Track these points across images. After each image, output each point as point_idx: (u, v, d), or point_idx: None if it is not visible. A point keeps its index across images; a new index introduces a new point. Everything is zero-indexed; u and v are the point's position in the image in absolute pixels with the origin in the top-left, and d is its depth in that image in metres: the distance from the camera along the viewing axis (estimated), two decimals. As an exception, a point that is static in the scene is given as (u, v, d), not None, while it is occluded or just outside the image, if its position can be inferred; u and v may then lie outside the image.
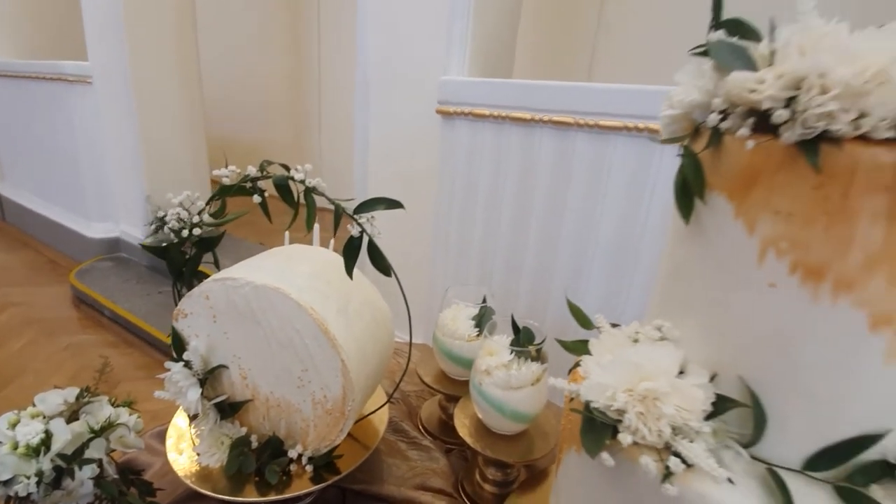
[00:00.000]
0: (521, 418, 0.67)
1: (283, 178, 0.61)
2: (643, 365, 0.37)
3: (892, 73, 0.27)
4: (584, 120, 1.36)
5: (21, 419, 0.58)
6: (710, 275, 0.36)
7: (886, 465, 0.34)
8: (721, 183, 0.34)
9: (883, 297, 0.29)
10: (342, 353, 0.56)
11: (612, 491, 0.39)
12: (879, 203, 0.28)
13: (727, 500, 0.32)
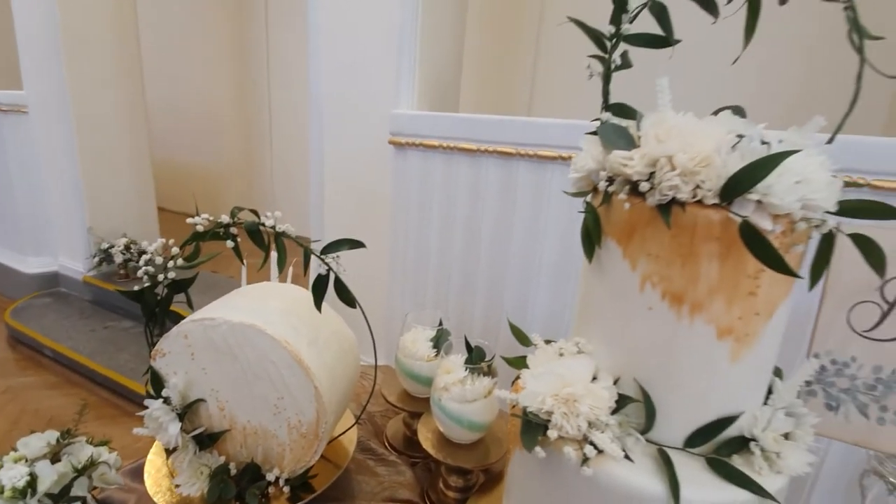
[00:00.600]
0: (476, 428, 0.76)
1: (254, 225, 0.68)
2: (565, 375, 0.47)
3: (713, 158, 0.38)
4: (524, 150, 1.50)
5: (4, 464, 0.61)
6: (608, 301, 0.47)
7: (743, 439, 0.45)
8: (612, 231, 0.45)
9: (723, 315, 0.41)
10: (315, 381, 0.63)
11: (548, 479, 0.48)
12: (713, 248, 0.40)
13: (628, 475, 0.42)
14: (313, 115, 2.12)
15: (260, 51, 4.30)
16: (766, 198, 0.37)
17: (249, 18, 4.26)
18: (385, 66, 1.86)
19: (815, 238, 0.42)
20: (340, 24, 1.98)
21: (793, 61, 1.73)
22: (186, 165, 4.89)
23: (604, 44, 0.48)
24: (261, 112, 4.42)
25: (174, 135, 4.79)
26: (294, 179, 4.26)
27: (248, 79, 4.39)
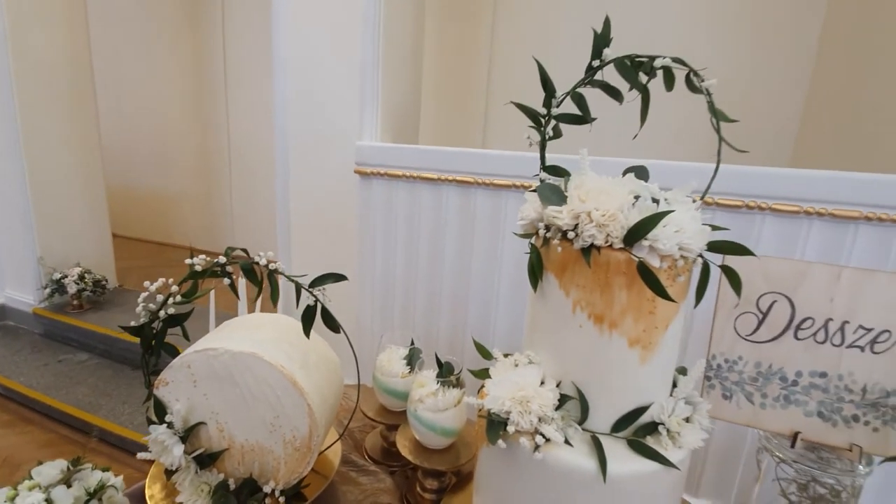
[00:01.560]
0: (449, 433, 0.87)
1: (248, 263, 0.77)
2: (519, 381, 0.60)
3: (618, 215, 0.52)
4: (482, 179, 1.65)
5: (20, 492, 0.66)
6: (550, 321, 0.60)
7: (654, 424, 0.58)
8: (550, 266, 0.58)
9: (632, 329, 0.54)
10: (308, 399, 0.73)
11: (508, 466, 0.60)
12: (622, 280, 0.53)
13: (569, 456, 0.55)
14: (279, 146, 2.19)
15: (217, 75, 4.30)
16: (655, 243, 0.51)
17: (206, 44, 4.27)
18: (349, 100, 1.98)
19: (699, 267, 0.57)
20: (306, 58, 2.09)
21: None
22: (141, 191, 4.78)
23: (539, 120, 0.62)
24: (219, 137, 4.41)
25: (128, 160, 4.69)
26: (254, 205, 4.25)
27: (206, 103, 4.38)
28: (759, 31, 2.30)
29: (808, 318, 0.67)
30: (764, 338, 0.69)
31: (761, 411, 0.70)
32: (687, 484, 1.41)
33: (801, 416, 0.68)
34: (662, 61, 0.56)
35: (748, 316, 0.70)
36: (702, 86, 0.56)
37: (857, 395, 0.66)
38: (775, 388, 0.69)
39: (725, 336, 0.71)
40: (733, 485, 1.09)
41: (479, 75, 2.74)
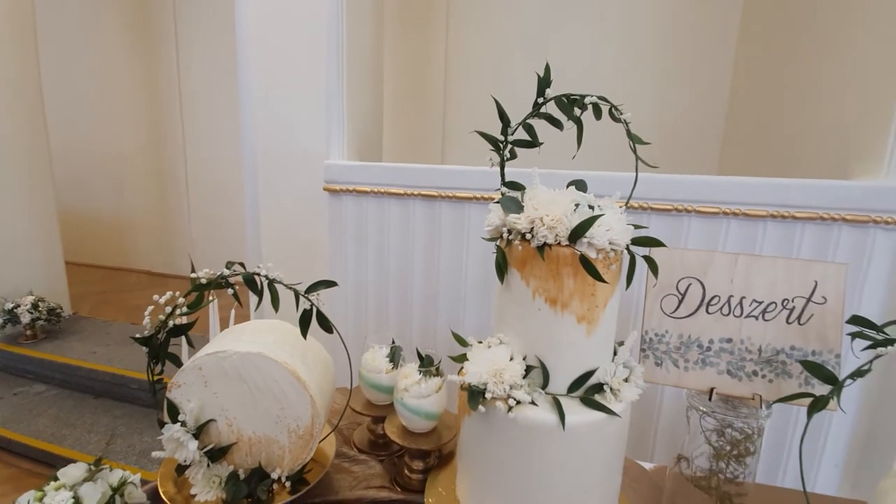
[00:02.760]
0: (432, 417, 0.99)
1: (250, 274, 0.87)
2: (492, 358, 0.73)
3: (563, 219, 0.67)
4: (446, 193, 1.79)
5: (46, 493, 0.73)
6: (514, 307, 0.74)
7: (600, 385, 0.73)
8: (513, 262, 0.73)
9: (579, 308, 0.69)
10: (310, 390, 0.83)
11: (486, 428, 0.73)
12: (569, 270, 0.68)
13: (535, 414, 0.69)
14: (247, 166, 2.27)
15: (172, 98, 4.27)
16: (591, 240, 0.66)
17: (159, 66, 4.23)
18: (316, 121, 2.09)
19: (628, 258, 0.73)
20: (272, 82, 2.18)
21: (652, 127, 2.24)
22: (94, 215, 4.62)
23: (498, 146, 0.77)
24: (175, 159, 4.35)
25: (80, 185, 4.53)
26: (215, 226, 4.22)
27: (161, 125, 4.32)
28: (684, 64, 2.61)
29: (716, 296, 0.85)
30: (683, 314, 0.86)
31: (684, 373, 0.87)
32: (641, 451, 1.58)
33: (715, 375, 0.85)
34: (590, 99, 0.73)
35: (671, 297, 0.87)
36: (621, 117, 0.73)
37: (755, 355, 0.84)
38: (694, 354, 0.86)
39: (654, 315, 0.88)
40: (676, 445, 1.27)
41: (435, 94, 2.91)
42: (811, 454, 1.46)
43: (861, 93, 1.59)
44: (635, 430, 1.64)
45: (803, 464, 1.48)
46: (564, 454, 0.69)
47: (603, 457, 0.72)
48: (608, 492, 0.76)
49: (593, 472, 0.71)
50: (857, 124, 1.60)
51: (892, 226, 1.45)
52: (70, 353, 2.91)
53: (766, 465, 1.48)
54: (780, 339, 0.83)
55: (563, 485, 0.71)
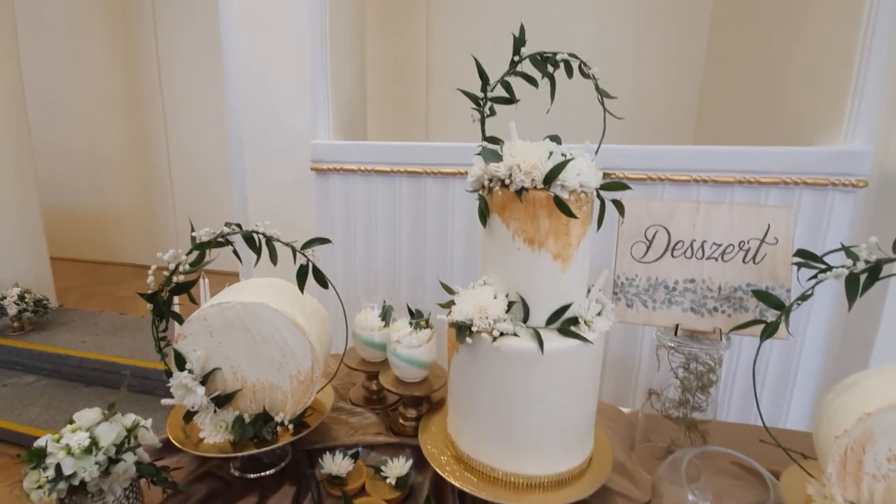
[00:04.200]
0: (423, 365, 1.06)
1: (248, 232, 0.93)
2: (478, 297, 0.80)
3: (538, 164, 0.74)
4: (430, 169, 1.85)
5: (63, 434, 0.78)
6: (496, 249, 0.81)
7: (575, 318, 0.81)
8: (495, 208, 0.80)
9: (554, 247, 0.76)
10: (309, 337, 0.89)
11: (473, 359, 0.80)
12: (544, 211, 0.75)
13: (517, 343, 0.76)
14: (234, 151, 2.29)
15: (152, 89, 4.23)
16: (564, 182, 0.73)
17: (138, 58, 4.18)
18: (302, 103, 2.12)
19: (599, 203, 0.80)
20: (258, 68, 2.20)
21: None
22: (76, 210, 4.57)
23: (479, 102, 0.83)
24: (157, 150, 4.32)
25: (61, 180, 4.47)
26: (201, 214, 4.21)
27: (141, 116, 4.28)
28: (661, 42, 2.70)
29: (680, 241, 0.93)
30: (651, 259, 0.94)
31: (653, 313, 0.95)
32: (623, 398, 1.67)
33: (680, 313, 0.94)
34: (562, 56, 0.79)
35: (639, 244, 0.95)
36: (590, 72, 0.80)
37: (715, 293, 0.93)
38: (661, 295, 0.94)
39: (625, 261, 0.96)
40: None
41: (417, 73, 2.96)
42: (781, 393, 1.57)
43: (822, 66, 1.69)
44: (616, 383, 1.74)
45: (774, 401, 1.58)
46: (545, 378, 0.77)
47: (579, 380, 0.79)
48: (585, 414, 0.84)
49: (571, 394, 0.79)
50: (818, 95, 1.70)
51: (849, 188, 1.55)
52: (59, 343, 2.91)
53: (739, 406, 1.59)
54: (737, 278, 0.91)
55: (545, 407, 0.78)
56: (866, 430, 0.67)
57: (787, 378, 1.56)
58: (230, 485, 0.94)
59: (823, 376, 1.56)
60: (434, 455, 0.90)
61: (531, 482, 0.82)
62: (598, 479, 0.85)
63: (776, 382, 1.58)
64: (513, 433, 0.80)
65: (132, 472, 0.80)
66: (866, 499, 0.70)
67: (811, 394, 1.56)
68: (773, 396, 1.59)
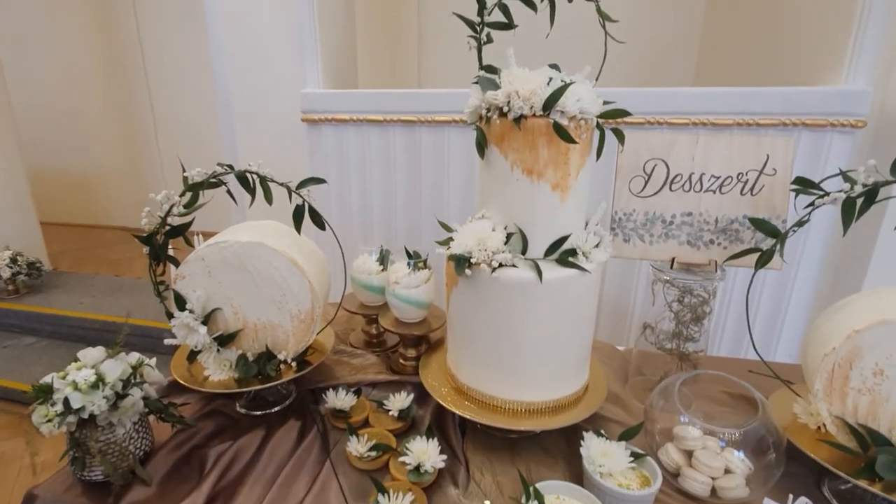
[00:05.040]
0: (422, 305, 1.07)
1: (242, 172, 0.91)
2: (476, 230, 0.80)
3: (538, 90, 0.72)
4: (424, 118, 1.81)
5: (68, 372, 0.79)
6: (494, 182, 0.80)
7: (574, 250, 0.81)
8: (493, 139, 0.78)
9: (553, 176, 0.76)
10: (309, 276, 0.89)
11: (472, 291, 0.81)
12: (544, 139, 0.74)
13: (516, 273, 0.76)
14: (221, 106, 2.22)
15: (131, 44, 4.05)
16: (563, 108, 0.72)
17: (115, 11, 3.98)
18: (289, 51, 2.04)
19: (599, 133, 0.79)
20: (242, 15, 2.10)
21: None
22: (62, 174, 4.47)
23: (475, 28, 0.80)
24: (140, 107, 4.19)
25: (44, 144, 4.35)
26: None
27: (121, 75, 4.12)
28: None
29: (678, 174, 0.93)
30: (649, 193, 0.94)
31: (650, 247, 0.96)
32: (618, 337, 1.71)
33: (676, 246, 0.95)
34: (561, -23, 0.76)
35: (638, 178, 0.94)
36: (590, -5, 0.77)
37: (712, 226, 0.93)
38: (658, 229, 0.95)
39: (623, 196, 0.95)
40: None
41: (409, 20, 2.84)
42: (771, 329, 1.62)
43: (824, 7, 1.64)
44: (611, 324, 1.77)
45: (764, 337, 1.62)
46: (543, 307, 0.78)
47: (576, 309, 0.81)
48: (581, 342, 0.85)
49: (568, 323, 0.81)
50: (820, 36, 1.66)
51: (847, 128, 1.54)
52: (56, 305, 2.91)
53: (730, 341, 1.64)
54: (734, 210, 0.92)
55: (543, 335, 0.80)
56: (854, 347, 0.70)
57: (777, 313, 1.60)
58: (237, 421, 0.96)
59: (813, 310, 1.60)
60: (435, 387, 0.93)
61: (529, 408, 0.85)
62: (593, 405, 0.88)
63: (766, 318, 1.63)
64: (511, 362, 0.82)
65: (140, 406, 0.81)
66: (851, 412, 0.73)
67: (800, 328, 1.61)
68: (762, 332, 1.63)
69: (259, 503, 0.77)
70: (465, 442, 0.90)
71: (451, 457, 0.84)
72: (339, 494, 0.78)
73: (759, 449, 0.77)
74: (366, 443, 0.85)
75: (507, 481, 0.80)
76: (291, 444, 0.89)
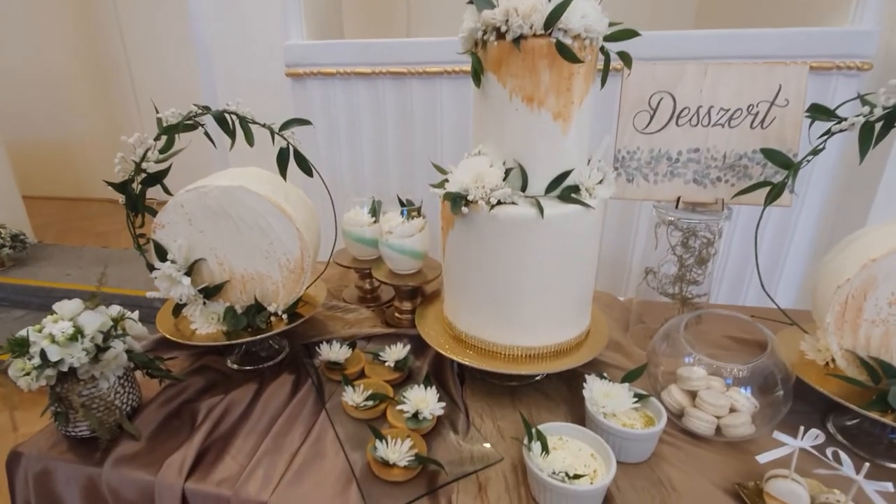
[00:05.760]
0: (416, 255, 1.03)
1: (220, 112, 0.85)
2: (472, 166, 0.75)
3: (538, 6, 0.66)
4: (415, 69, 1.73)
5: (45, 325, 0.75)
6: (492, 113, 0.74)
7: (576, 186, 0.77)
8: (489, 66, 0.72)
9: (555, 105, 0.70)
10: (296, 223, 0.84)
11: (469, 229, 0.77)
12: (545, 62, 0.68)
13: (515, 210, 0.72)
14: (202, 61, 2.11)
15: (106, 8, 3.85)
16: (567, 26, 0.66)
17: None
18: (270, 3, 1.91)
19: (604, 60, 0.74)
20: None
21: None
22: (41, 147, 4.31)
23: (468, -54, 0.73)
24: (119, 74, 4.02)
25: (20, 117, 4.17)
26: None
27: (97, 38, 3.92)
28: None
29: (686, 107, 0.88)
30: (654, 129, 0.89)
31: (654, 186, 0.91)
32: (617, 289, 1.69)
33: (682, 185, 0.90)
34: None
35: (643, 114, 0.89)
36: None
37: (719, 162, 0.89)
38: (664, 167, 0.90)
39: (626, 132, 0.90)
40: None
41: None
42: (772, 273, 1.60)
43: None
44: (609, 276, 1.75)
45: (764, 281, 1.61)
46: (544, 245, 0.74)
47: (578, 248, 0.77)
48: (583, 284, 0.82)
49: (570, 262, 0.77)
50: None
51: (853, 71, 1.49)
52: (42, 277, 2.85)
53: (729, 288, 1.62)
54: (743, 145, 0.87)
55: (544, 276, 0.76)
56: (870, 276, 0.67)
57: (777, 260, 1.59)
58: (228, 377, 0.93)
59: (812, 257, 1.59)
60: (432, 336, 0.90)
61: (530, 353, 0.82)
62: (594, 350, 0.86)
63: (765, 265, 1.61)
64: (511, 306, 0.79)
65: (123, 359, 0.77)
66: (862, 345, 0.71)
67: (798, 274, 1.60)
68: (763, 276, 1.63)
69: (253, 454, 0.74)
70: (464, 391, 0.88)
71: (450, 404, 0.82)
72: (335, 443, 0.76)
73: (767, 386, 0.75)
74: (362, 392, 0.82)
75: (508, 426, 0.78)
76: (285, 397, 0.87)
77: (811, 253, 1.59)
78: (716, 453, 0.74)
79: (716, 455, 0.73)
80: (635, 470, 0.70)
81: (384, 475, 0.68)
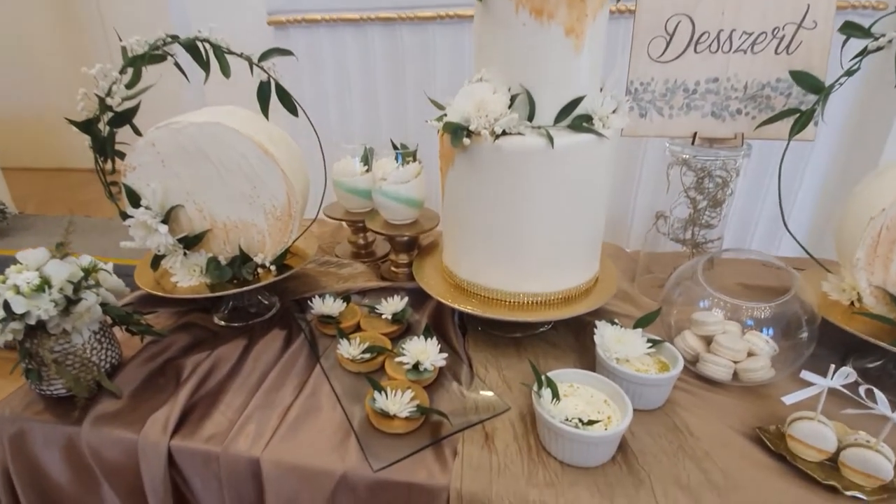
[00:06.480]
0: (413, 203, 0.96)
1: (191, 40, 0.76)
2: (474, 93, 0.68)
3: None
4: (406, 14, 1.61)
5: (8, 276, 0.68)
6: (495, 31, 0.67)
7: (588, 116, 0.70)
8: (491, -22, 0.64)
9: (566, 18, 0.63)
10: (282, 165, 0.77)
11: (471, 162, 0.70)
12: (555, -31, 0.60)
13: (521, 140, 0.65)
14: (175, 11, 1.98)
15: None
16: (580, -77, 0.58)
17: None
18: (246, -58, 1.78)
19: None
20: None
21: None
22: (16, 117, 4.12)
23: None
24: (93, 33, 3.80)
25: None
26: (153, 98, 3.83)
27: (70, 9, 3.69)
28: None
29: (705, 32, 0.80)
30: (670, 57, 0.82)
31: (669, 121, 0.85)
32: (619, 240, 1.63)
33: (699, 119, 0.84)
34: None
35: (658, 40, 0.82)
36: None
37: (740, 93, 0.82)
38: (679, 99, 0.83)
39: (640, 62, 0.83)
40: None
41: None
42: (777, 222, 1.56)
43: None
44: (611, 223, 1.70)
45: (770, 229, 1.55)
46: (553, 179, 0.68)
47: (590, 183, 0.71)
48: (594, 223, 0.77)
49: (581, 199, 0.71)
50: None
51: (868, 10, 1.41)
52: (25, 247, 2.74)
53: (734, 238, 1.58)
54: (766, 73, 0.80)
55: (553, 214, 0.70)
56: (909, 205, 0.62)
57: (786, 203, 1.55)
58: (215, 333, 0.88)
59: (822, 202, 1.55)
60: (431, 286, 0.84)
61: (536, 300, 0.77)
62: (603, 297, 0.81)
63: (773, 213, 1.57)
64: (517, 248, 0.73)
65: (98, 312, 0.71)
66: (894, 280, 0.66)
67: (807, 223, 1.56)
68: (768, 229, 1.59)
69: (243, 409, 0.69)
70: (466, 343, 0.83)
71: (452, 356, 0.77)
72: (330, 397, 0.71)
73: (789, 328, 0.70)
74: (358, 345, 0.77)
75: (514, 375, 0.74)
76: (277, 352, 0.81)
77: (820, 199, 1.54)
78: (733, 398, 0.70)
79: (733, 400, 0.70)
80: (649, 416, 0.67)
81: (384, 427, 0.63)
